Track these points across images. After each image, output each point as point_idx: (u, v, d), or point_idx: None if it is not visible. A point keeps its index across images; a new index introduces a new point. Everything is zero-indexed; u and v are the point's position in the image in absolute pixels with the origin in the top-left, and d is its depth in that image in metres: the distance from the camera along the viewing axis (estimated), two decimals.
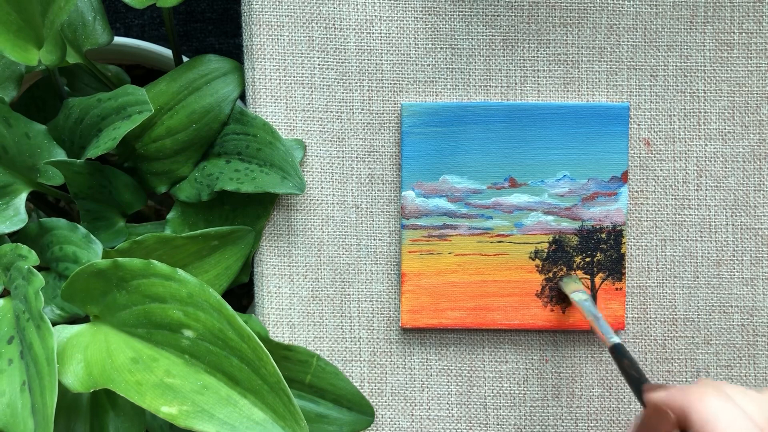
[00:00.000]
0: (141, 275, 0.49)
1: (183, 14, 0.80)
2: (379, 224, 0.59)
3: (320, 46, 0.58)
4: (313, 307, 0.59)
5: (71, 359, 0.49)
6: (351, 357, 0.59)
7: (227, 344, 0.47)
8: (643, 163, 0.58)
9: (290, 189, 0.56)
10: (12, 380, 0.47)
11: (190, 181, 0.58)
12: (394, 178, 0.58)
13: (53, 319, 0.54)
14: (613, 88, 0.58)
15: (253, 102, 0.58)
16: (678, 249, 0.58)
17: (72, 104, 0.56)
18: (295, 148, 0.58)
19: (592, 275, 0.57)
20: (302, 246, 0.59)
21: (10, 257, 0.52)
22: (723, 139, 0.58)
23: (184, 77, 0.57)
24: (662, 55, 0.57)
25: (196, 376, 0.47)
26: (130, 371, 0.47)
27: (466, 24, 0.58)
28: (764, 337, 0.58)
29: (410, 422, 0.59)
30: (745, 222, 0.58)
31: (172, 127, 0.57)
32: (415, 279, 0.58)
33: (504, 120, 0.57)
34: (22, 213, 0.56)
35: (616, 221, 0.57)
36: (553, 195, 0.57)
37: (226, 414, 0.46)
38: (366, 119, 0.58)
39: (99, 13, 0.60)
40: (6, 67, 0.58)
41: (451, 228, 0.58)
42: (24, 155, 0.56)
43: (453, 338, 0.59)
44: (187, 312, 0.48)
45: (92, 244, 0.54)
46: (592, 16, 0.57)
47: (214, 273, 0.57)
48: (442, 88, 0.58)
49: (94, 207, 0.57)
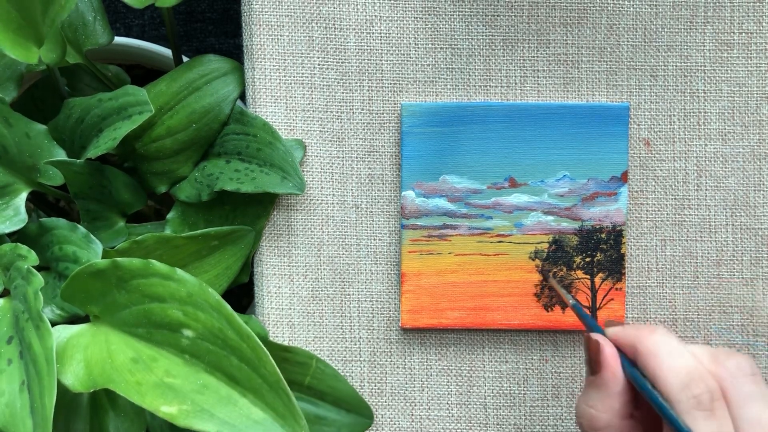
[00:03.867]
0: (140, 275, 0.49)
1: (183, 14, 0.80)
2: (379, 224, 0.59)
3: (320, 46, 0.58)
4: (313, 307, 0.59)
5: (71, 359, 0.49)
6: (351, 357, 0.59)
7: (227, 344, 0.47)
8: (643, 163, 0.58)
9: (290, 189, 0.56)
10: (11, 380, 0.47)
11: (190, 181, 0.58)
12: (394, 178, 0.58)
13: (53, 319, 0.54)
14: (613, 88, 0.58)
15: (253, 102, 0.58)
16: (678, 249, 0.58)
17: (72, 104, 0.56)
18: (295, 148, 0.58)
19: (592, 275, 0.57)
20: (302, 246, 0.59)
21: (9, 257, 0.52)
22: (723, 139, 0.58)
23: (184, 77, 0.57)
24: (662, 55, 0.57)
25: (195, 376, 0.47)
26: (130, 371, 0.47)
27: (466, 24, 0.58)
28: (764, 337, 0.58)
29: (410, 422, 0.59)
30: (745, 222, 0.58)
31: (172, 127, 0.57)
32: (415, 279, 0.58)
33: (504, 120, 0.57)
34: (22, 213, 0.56)
35: (616, 221, 0.57)
36: (553, 195, 0.57)
37: (225, 413, 0.46)
38: (366, 119, 0.58)
39: (99, 13, 0.60)
40: (6, 67, 0.58)
41: (451, 228, 0.58)
42: (24, 155, 0.56)
43: (453, 338, 0.59)
44: (186, 312, 0.48)
45: (92, 244, 0.54)
46: (592, 16, 0.57)
47: (214, 273, 0.57)
48: (442, 88, 0.58)
49: (94, 207, 0.57)
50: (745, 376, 0.44)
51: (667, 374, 0.43)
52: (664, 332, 0.45)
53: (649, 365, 0.44)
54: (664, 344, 0.44)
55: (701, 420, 0.42)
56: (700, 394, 0.43)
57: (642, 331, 0.46)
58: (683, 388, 0.43)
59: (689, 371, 0.43)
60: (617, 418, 0.45)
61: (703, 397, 0.43)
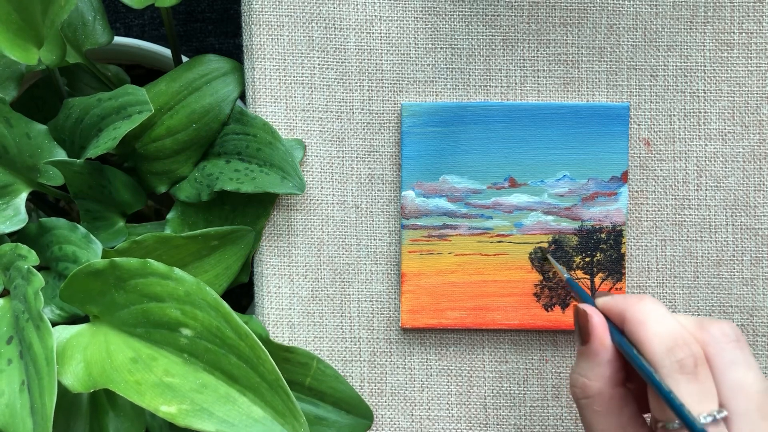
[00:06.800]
0: (138, 275, 0.49)
1: (183, 14, 0.80)
2: (379, 224, 0.59)
3: (320, 46, 0.58)
4: (313, 307, 0.59)
5: (71, 359, 0.49)
6: (351, 357, 0.59)
7: (225, 342, 0.47)
8: (643, 163, 0.58)
9: (290, 189, 0.56)
10: (11, 380, 0.47)
11: (190, 181, 0.58)
12: (394, 178, 0.58)
13: (53, 319, 0.54)
14: (613, 88, 0.58)
15: (253, 102, 0.58)
16: (678, 249, 0.58)
17: (72, 104, 0.56)
18: (295, 148, 0.58)
19: (592, 275, 0.57)
20: (302, 246, 0.59)
21: (9, 257, 0.52)
22: (723, 139, 0.58)
23: (184, 77, 0.57)
24: (662, 55, 0.57)
25: (194, 375, 0.47)
26: (129, 371, 0.47)
27: (466, 24, 0.58)
28: (764, 337, 0.58)
29: (410, 422, 0.59)
30: (745, 222, 0.58)
31: (172, 127, 0.57)
32: (415, 279, 0.58)
33: (504, 120, 0.57)
34: (22, 213, 0.56)
35: (615, 221, 0.57)
36: (553, 195, 0.57)
37: (225, 412, 0.46)
38: (366, 119, 0.58)
39: (99, 13, 0.60)
40: (6, 67, 0.58)
41: (451, 228, 0.58)
42: (24, 155, 0.56)
43: (453, 338, 0.59)
44: (184, 311, 0.48)
45: (92, 244, 0.54)
46: (592, 16, 0.57)
47: (213, 273, 0.57)
48: (442, 88, 0.58)
49: (94, 207, 0.57)
50: (729, 342, 0.44)
51: (652, 339, 0.44)
52: (651, 300, 0.46)
53: (635, 332, 0.45)
54: (651, 312, 0.45)
55: (684, 383, 0.43)
56: (684, 358, 0.43)
57: (630, 300, 0.46)
58: (667, 353, 0.43)
59: (674, 336, 0.44)
60: (608, 387, 0.46)
61: (687, 361, 0.43)
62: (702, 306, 0.58)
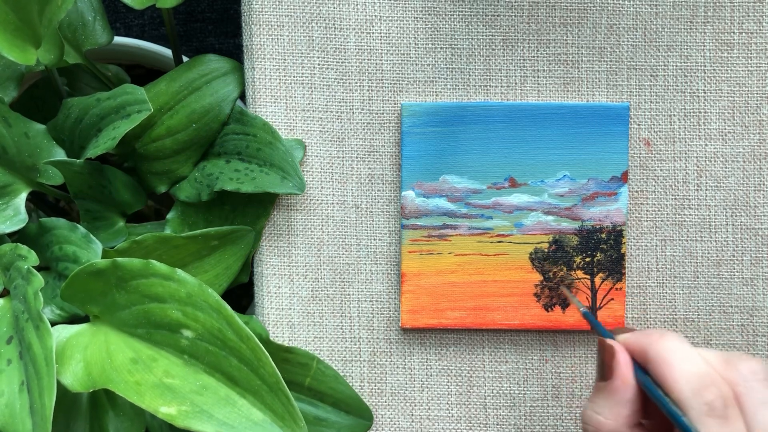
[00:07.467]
0: (140, 275, 0.49)
1: (183, 14, 0.80)
2: (379, 224, 0.59)
3: (320, 46, 0.58)
4: (313, 307, 0.59)
5: (71, 359, 0.49)
6: (351, 357, 0.59)
7: (226, 344, 0.47)
8: (643, 163, 0.58)
9: (290, 189, 0.56)
10: (11, 380, 0.47)
11: (190, 181, 0.58)
12: (394, 178, 0.58)
13: (53, 319, 0.54)
14: (613, 88, 0.58)
15: (253, 102, 0.58)
16: (678, 249, 0.58)
17: (71, 104, 0.56)
18: (295, 148, 0.58)
19: (592, 275, 0.57)
20: (302, 246, 0.59)
21: (9, 257, 0.52)
22: (723, 139, 0.58)
23: (184, 77, 0.57)
24: (662, 55, 0.57)
25: (195, 377, 0.47)
26: (129, 371, 0.47)
27: (466, 24, 0.57)
28: (764, 337, 0.58)
29: (410, 422, 0.59)
30: (745, 222, 0.58)
31: (172, 127, 0.57)
32: (415, 279, 0.58)
33: (504, 120, 0.57)
34: (22, 213, 0.56)
35: (616, 221, 0.57)
36: (553, 195, 0.57)
37: (224, 414, 0.46)
38: (366, 119, 0.58)
39: (99, 13, 0.60)
40: (6, 67, 0.58)
41: (451, 228, 0.58)
42: (24, 155, 0.55)
43: (453, 338, 0.59)
44: (186, 312, 0.48)
45: (92, 243, 0.54)
46: (592, 16, 0.57)
47: (213, 273, 0.57)
48: (442, 88, 0.58)
49: (94, 207, 0.57)
50: (758, 381, 0.43)
51: (679, 380, 0.42)
52: (674, 337, 0.44)
53: (660, 371, 0.43)
54: (676, 350, 0.44)
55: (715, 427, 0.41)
56: (713, 400, 0.42)
57: (652, 337, 0.45)
58: (695, 394, 0.42)
59: (701, 377, 0.42)
60: (624, 427, 0.44)
61: (716, 403, 0.42)
62: (702, 306, 0.58)
